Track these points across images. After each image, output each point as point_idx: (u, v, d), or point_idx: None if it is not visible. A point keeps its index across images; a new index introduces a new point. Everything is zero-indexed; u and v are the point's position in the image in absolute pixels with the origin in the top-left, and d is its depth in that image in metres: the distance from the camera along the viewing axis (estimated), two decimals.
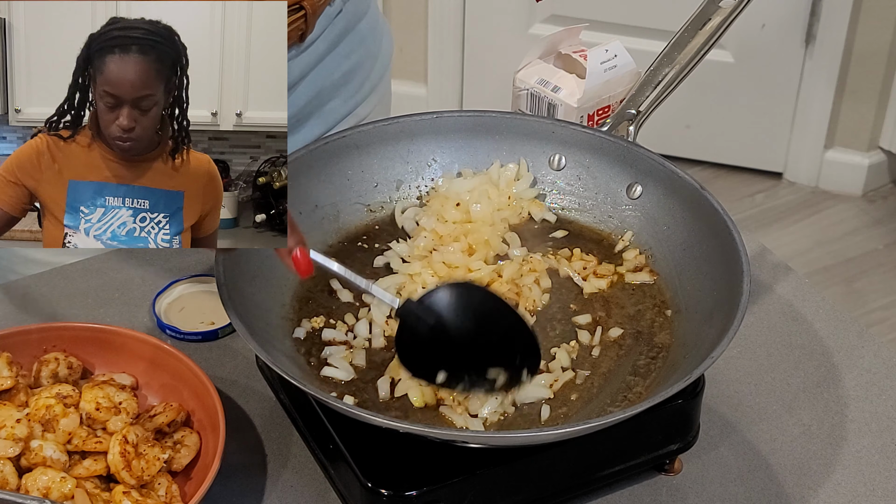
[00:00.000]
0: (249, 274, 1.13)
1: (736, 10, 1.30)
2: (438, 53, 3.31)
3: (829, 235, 3.12)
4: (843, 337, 1.29)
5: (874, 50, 3.06)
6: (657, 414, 1.07)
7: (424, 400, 1.08)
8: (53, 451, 1.05)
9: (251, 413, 1.18)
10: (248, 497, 1.11)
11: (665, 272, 1.20)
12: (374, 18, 1.54)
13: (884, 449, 1.17)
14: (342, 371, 1.11)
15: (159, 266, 1.35)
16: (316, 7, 1.37)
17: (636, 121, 1.27)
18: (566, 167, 1.27)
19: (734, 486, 1.13)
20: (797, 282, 1.35)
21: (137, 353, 1.16)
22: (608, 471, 1.10)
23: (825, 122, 3.17)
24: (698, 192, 1.18)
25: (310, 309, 1.17)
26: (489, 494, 1.05)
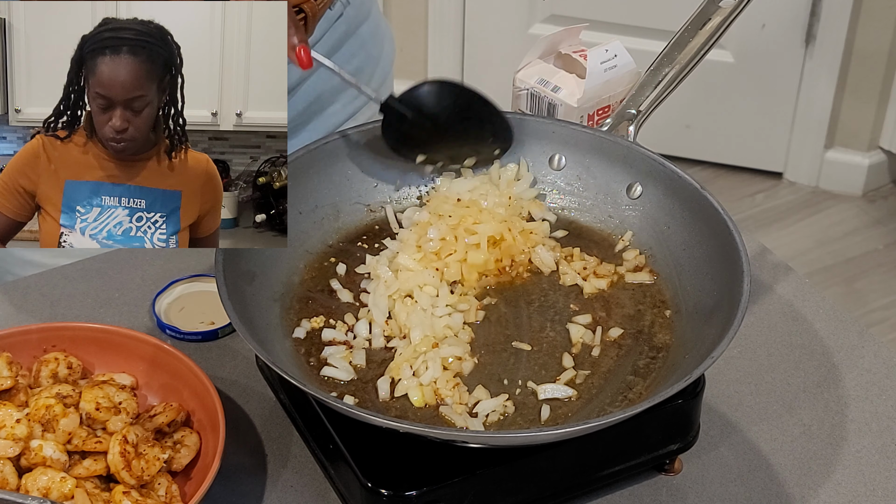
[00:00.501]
0: (249, 274, 1.13)
1: (736, 10, 1.30)
2: (438, 53, 3.31)
3: (830, 235, 3.12)
4: (843, 337, 1.29)
5: (874, 50, 3.06)
6: (657, 414, 1.07)
7: (424, 400, 1.08)
8: (53, 451, 1.05)
9: (251, 413, 1.18)
10: (248, 497, 1.11)
11: (665, 272, 1.20)
12: (375, 23, 1.53)
13: (884, 449, 1.17)
14: (342, 371, 1.11)
15: (159, 266, 1.35)
16: (316, 11, 1.37)
17: (636, 121, 1.27)
18: (566, 167, 1.27)
19: (734, 486, 1.13)
20: (797, 282, 1.35)
21: (137, 353, 1.16)
22: (608, 471, 1.10)
23: (825, 122, 3.17)
24: (698, 192, 1.18)
25: (310, 309, 1.17)
26: (489, 494, 1.05)
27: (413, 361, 1.10)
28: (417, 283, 1.17)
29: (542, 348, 1.13)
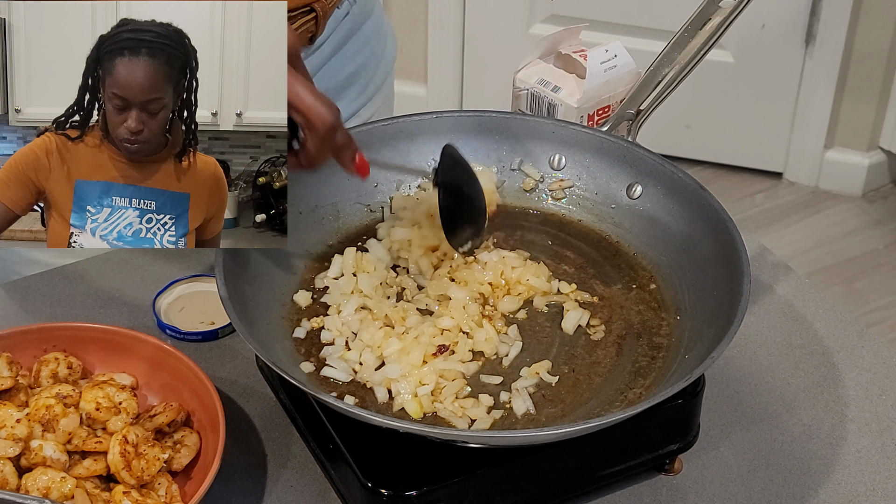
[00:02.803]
0: (249, 274, 1.13)
1: (736, 10, 1.30)
2: (438, 53, 3.31)
3: (829, 235, 3.12)
4: (843, 337, 1.29)
5: (874, 50, 3.06)
6: (657, 414, 1.07)
7: (423, 410, 1.08)
8: (53, 451, 1.05)
9: (251, 413, 1.18)
10: (248, 497, 1.11)
11: (665, 272, 1.20)
12: (378, 20, 1.54)
13: (884, 449, 1.17)
14: (342, 371, 1.11)
15: (159, 266, 1.35)
16: (326, 9, 1.37)
17: (636, 121, 1.27)
18: (566, 167, 1.27)
19: (734, 486, 1.13)
20: (797, 282, 1.35)
21: (137, 353, 1.16)
22: (608, 471, 1.10)
23: (825, 122, 3.17)
24: (698, 192, 1.18)
25: (310, 309, 1.17)
26: (489, 494, 1.05)
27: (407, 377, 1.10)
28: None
29: (540, 349, 1.13)
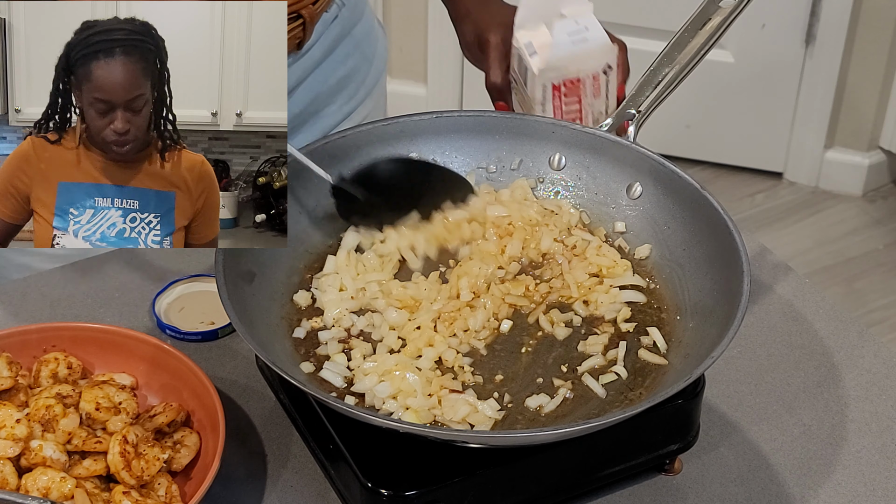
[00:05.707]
0: (249, 274, 1.13)
1: (736, 10, 1.30)
2: (438, 53, 3.31)
3: (829, 235, 3.12)
4: (843, 337, 1.29)
5: (874, 50, 3.06)
6: (657, 414, 1.07)
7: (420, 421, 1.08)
8: (53, 451, 1.05)
9: (251, 413, 1.18)
10: (248, 497, 1.11)
11: (665, 272, 1.20)
12: (368, 22, 1.54)
13: (884, 449, 1.17)
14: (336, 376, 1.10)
15: (159, 266, 1.35)
16: (314, 15, 1.37)
17: (636, 121, 1.27)
18: (566, 167, 1.27)
19: (734, 486, 1.13)
20: (797, 282, 1.35)
21: (137, 353, 1.16)
22: (608, 471, 1.10)
23: (825, 122, 3.17)
24: (698, 192, 1.18)
25: (310, 309, 1.17)
26: (489, 494, 1.05)
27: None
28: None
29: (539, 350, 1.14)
